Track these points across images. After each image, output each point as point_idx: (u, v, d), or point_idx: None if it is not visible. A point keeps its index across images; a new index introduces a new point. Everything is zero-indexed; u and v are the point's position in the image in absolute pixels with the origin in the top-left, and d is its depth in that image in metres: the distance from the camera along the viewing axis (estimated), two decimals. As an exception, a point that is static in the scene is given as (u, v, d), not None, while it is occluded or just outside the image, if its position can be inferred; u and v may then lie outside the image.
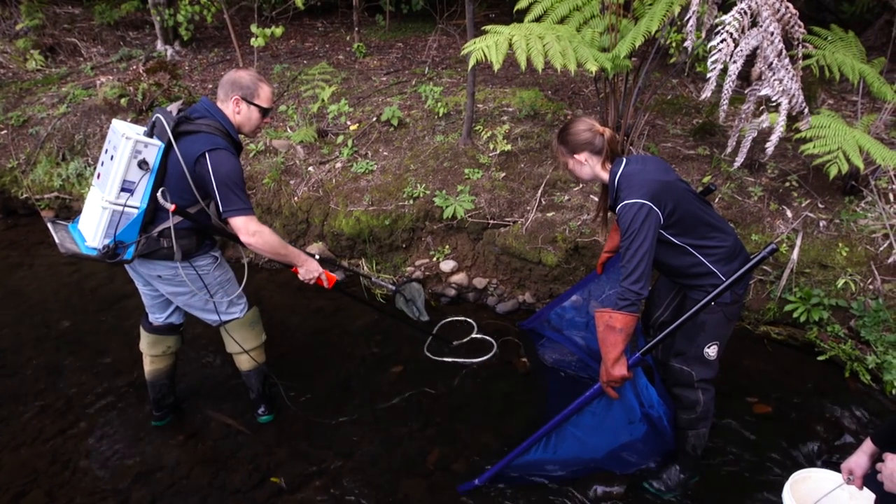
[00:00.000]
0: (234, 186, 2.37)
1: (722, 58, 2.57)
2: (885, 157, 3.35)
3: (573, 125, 2.42)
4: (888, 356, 3.32)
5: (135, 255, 2.45)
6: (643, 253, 2.22)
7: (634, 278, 2.22)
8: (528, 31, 3.40)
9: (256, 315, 2.95)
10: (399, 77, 5.93)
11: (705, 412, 2.56)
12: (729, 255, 2.40)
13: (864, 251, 3.59)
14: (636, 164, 2.36)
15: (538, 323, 3.59)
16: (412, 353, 3.60)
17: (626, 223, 2.24)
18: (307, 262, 2.72)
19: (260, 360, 2.98)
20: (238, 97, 2.50)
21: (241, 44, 6.24)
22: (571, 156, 2.42)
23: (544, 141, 4.51)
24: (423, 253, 4.30)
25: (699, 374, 2.49)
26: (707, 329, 2.45)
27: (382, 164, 4.58)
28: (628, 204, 2.24)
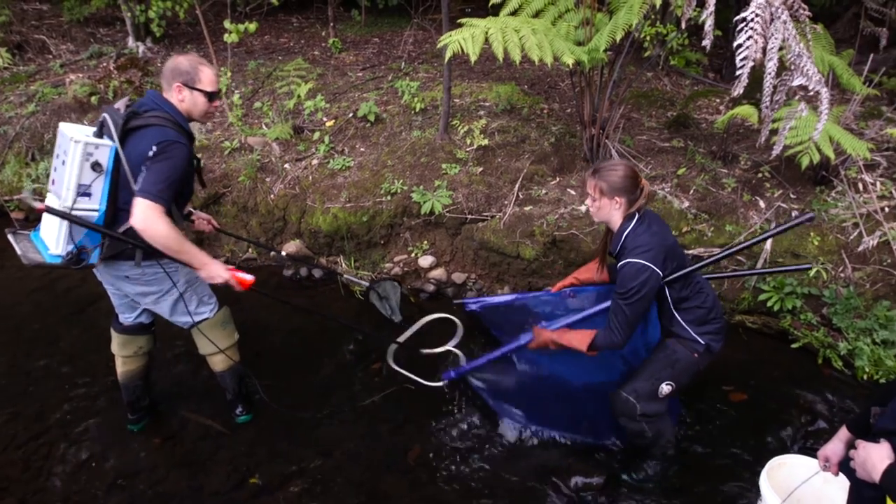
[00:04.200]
0: (161, 175, 2.25)
1: (751, 55, 2.56)
2: (855, 147, 3.40)
3: (618, 168, 2.37)
4: (859, 342, 3.37)
5: (100, 258, 2.39)
6: (636, 314, 2.33)
7: (621, 333, 2.35)
8: (503, 25, 3.38)
9: (227, 314, 2.88)
10: (375, 72, 5.88)
11: (658, 433, 2.58)
12: (704, 319, 2.48)
13: (835, 240, 3.64)
14: (645, 225, 2.38)
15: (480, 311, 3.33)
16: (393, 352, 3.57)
17: (628, 281, 2.28)
18: (209, 266, 2.43)
19: (234, 359, 2.92)
20: (180, 84, 2.41)
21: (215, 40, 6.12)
22: (612, 197, 2.37)
23: (521, 135, 4.49)
24: (401, 249, 4.27)
25: (644, 409, 2.49)
26: (676, 367, 2.48)
27: (359, 161, 4.53)
28: (634, 263, 2.28)
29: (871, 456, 1.45)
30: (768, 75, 2.70)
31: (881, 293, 3.55)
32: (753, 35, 2.56)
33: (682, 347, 2.48)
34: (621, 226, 2.39)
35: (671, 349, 2.50)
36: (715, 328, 2.49)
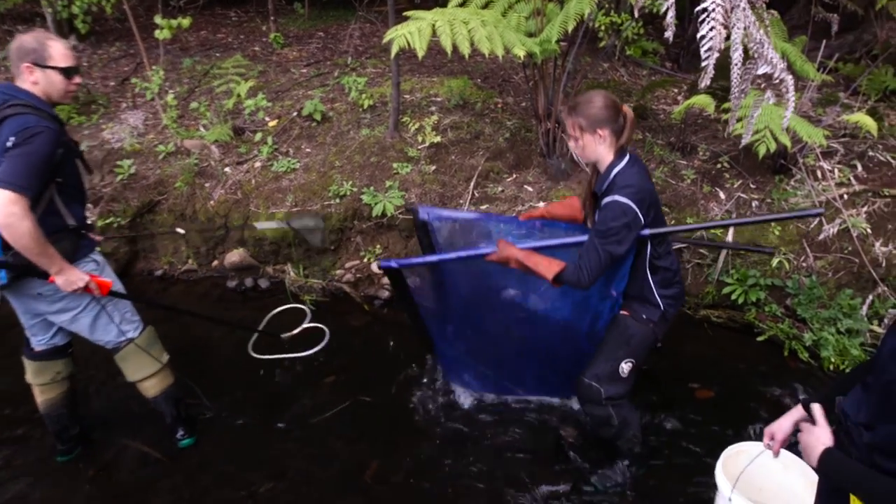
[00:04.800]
0: (21, 163, 2.15)
1: (716, 45, 2.62)
2: (811, 134, 3.53)
3: (594, 98, 2.32)
4: (824, 333, 3.50)
5: (9, 276, 2.30)
6: (609, 257, 2.28)
7: (590, 275, 2.29)
8: (451, 17, 3.41)
9: (153, 334, 2.81)
10: (320, 68, 5.85)
11: (623, 421, 2.61)
12: (670, 281, 2.52)
13: (795, 229, 3.77)
14: (637, 167, 2.37)
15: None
16: (346, 362, 3.54)
17: (610, 220, 2.26)
18: (67, 271, 2.36)
19: (166, 382, 2.85)
20: (29, 64, 2.31)
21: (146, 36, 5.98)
22: (593, 131, 2.32)
23: (475, 131, 4.53)
24: (352, 254, 4.25)
25: (608, 392, 2.52)
26: (632, 344, 2.52)
27: (305, 162, 4.50)
28: (620, 202, 2.26)
29: (811, 439, 1.49)
30: (735, 66, 2.78)
31: (844, 281, 3.70)
32: (716, 25, 2.63)
33: (635, 322, 2.52)
34: (611, 163, 2.36)
35: (623, 325, 2.54)
36: (675, 292, 2.53)
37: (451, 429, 3.07)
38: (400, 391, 3.31)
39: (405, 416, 3.16)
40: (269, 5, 6.82)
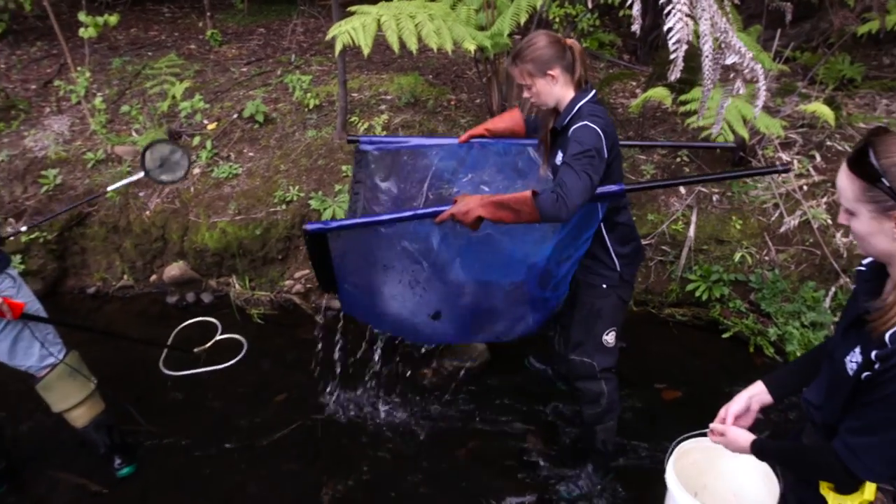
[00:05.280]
0: None
1: (683, 38, 2.66)
2: (768, 125, 3.64)
3: (535, 40, 2.26)
4: (788, 327, 3.61)
5: None
6: (590, 180, 2.11)
7: (571, 202, 2.06)
8: (397, 11, 3.41)
9: (77, 359, 2.72)
10: (262, 67, 5.78)
11: (610, 403, 2.67)
12: (627, 236, 2.51)
13: (756, 222, 3.88)
14: (600, 104, 2.33)
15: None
16: (298, 378, 3.50)
17: (585, 141, 2.14)
18: None
19: (96, 410, 2.78)
20: None
21: (70, 35, 5.82)
22: (543, 74, 2.25)
23: (427, 130, 4.54)
24: (302, 263, 4.21)
25: (600, 364, 2.58)
26: (604, 315, 2.55)
27: (248, 167, 4.44)
28: (592, 127, 2.17)
29: (728, 442, 1.64)
30: (706, 58, 2.83)
31: (806, 274, 3.83)
32: (682, 17, 2.68)
33: (596, 297, 2.52)
34: (574, 97, 2.30)
35: (585, 303, 2.55)
36: (631, 249, 2.51)
37: (412, 443, 3.06)
38: (355, 407, 3.29)
39: (362, 432, 3.14)
40: (205, 0, 6.71)
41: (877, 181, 1.19)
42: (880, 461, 1.28)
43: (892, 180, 1.17)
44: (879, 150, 1.19)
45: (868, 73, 5.26)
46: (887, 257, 1.29)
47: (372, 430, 3.15)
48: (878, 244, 1.27)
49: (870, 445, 1.28)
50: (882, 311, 1.26)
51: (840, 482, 1.40)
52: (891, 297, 1.26)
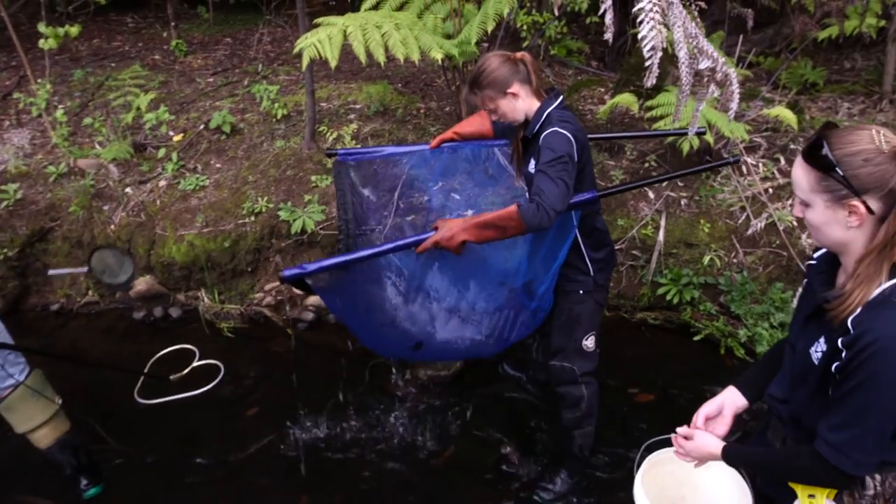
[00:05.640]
0: None
1: (658, 45, 2.74)
2: (732, 129, 3.76)
3: (487, 64, 2.30)
4: (758, 328, 3.72)
5: None
6: (567, 186, 2.15)
7: (552, 209, 2.11)
8: (363, 21, 3.46)
9: (41, 379, 2.71)
10: (228, 77, 5.79)
11: (590, 408, 2.73)
12: (601, 241, 2.59)
13: (724, 225, 4.00)
14: (567, 109, 2.40)
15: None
16: (269, 392, 3.52)
17: (558, 147, 2.19)
18: None
19: (61, 430, 2.76)
20: None
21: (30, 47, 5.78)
22: (504, 94, 2.31)
23: (397, 138, 4.59)
24: (272, 275, 4.23)
25: (581, 368, 2.65)
26: (582, 320, 2.61)
27: (216, 179, 4.45)
28: (561, 133, 2.23)
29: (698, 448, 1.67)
30: (682, 64, 2.93)
31: (774, 275, 3.95)
32: (656, 25, 2.77)
33: (569, 302, 2.59)
34: (542, 104, 2.36)
35: (563, 309, 2.62)
36: (605, 254, 2.58)
37: (386, 454, 3.09)
38: (329, 419, 3.32)
39: (336, 445, 3.16)
40: (168, 10, 6.71)
41: (831, 171, 1.28)
42: (867, 451, 1.32)
43: (845, 170, 1.26)
44: (832, 141, 1.28)
45: (830, 77, 5.44)
46: (841, 247, 1.37)
47: (346, 442, 3.17)
48: (832, 233, 1.35)
49: (853, 439, 1.31)
50: (841, 298, 1.33)
51: (830, 483, 1.42)
52: (849, 285, 1.33)
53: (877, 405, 1.28)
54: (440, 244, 2.20)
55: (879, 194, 1.26)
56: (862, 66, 5.77)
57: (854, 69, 5.75)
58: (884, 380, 1.25)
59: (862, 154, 1.25)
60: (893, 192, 1.25)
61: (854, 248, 1.34)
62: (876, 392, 1.27)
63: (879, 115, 4.74)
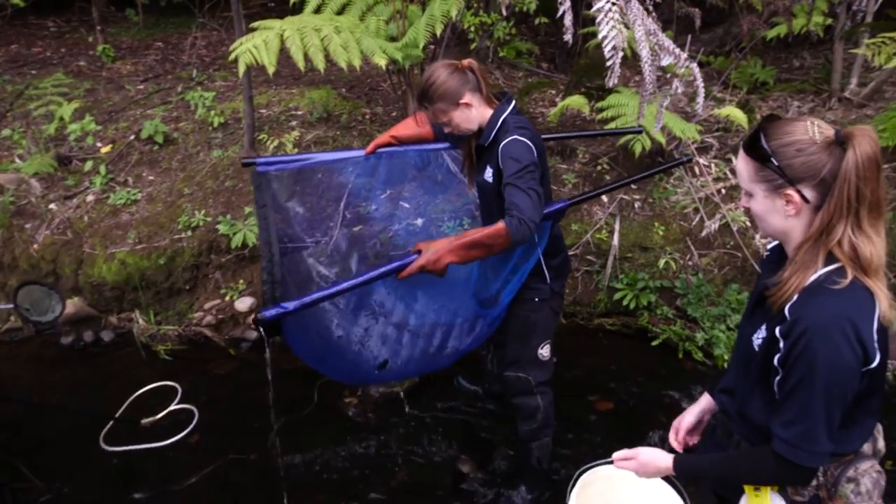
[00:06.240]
0: None
1: (619, 45, 2.77)
2: (683, 129, 3.86)
3: (435, 76, 2.29)
4: (715, 331, 3.81)
5: None
6: (539, 194, 2.18)
7: (532, 220, 2.14)
8: (301, 25, 3.43)
9: None
10: (160, 83, 5.68)
11: (546, 419, 2.75)
12: (556, 248, 2.61)
13: (678, 228, 4.09)
14: (521, 114, 2.41)
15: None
16: (212, 417, 3.44)
17: (521, 156, 2.21)
18: None
19: None
20: None
21: (-61, 54, 5.58)
22: (456, 105, 2.30)
23: (342, 146, 4.57)
24: (212, 293, 4.15)
25: (536, 378, 2.67)
26: (538, 329, 2.63)
27: (148, 192, 4.36)
28: (520, 140, 2.24)
29: (646, 463, 1.67)
30: (646, 63, 2.98)
31: (729, 277, 4.05)
32: (615, 24, 2.82)
33: (525, 310, 2.60)
34: (495, 111, 2.36)
35: (519, 318, 2.62)
36: (559, 261, 2.61)
37: (338, 475, 3.06)
38: (278, 442, 3.26)
39: (285, 468, 3.10)
40: (94, 13, 6.54)
41: (767, 161, 1.36)
42: (820, 442, 1.36)
43: (780, 160, 1.34)
44: (769, 133, 1.36)
45: (779, 76, 5.64)
46: (782, 235, 1.45)
47: (295, 466, 3.12)
48: (772, 222, 1.43)
49: (806, 431, 1.36)
50: (779, 285, 1.39)
51: (792, 480, 1.47)
52: (787, 272, 1.39)
53: (819, 394, 1.32)
54: (426, 268, 2.15)
55: (812, 183, 1.33)
56: (811, 64, 6.01)
57: (803, 68, 5.98)
58: (820, 366, 1.30)
59: (795, 144, 1.33)
60: (826, 181, 1.32)
61: (793, 236, 1.42)
62: (816, 381, 1.32)
63: (829, 113, 4.93)
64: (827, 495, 1.48)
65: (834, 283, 1.33)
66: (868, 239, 1.33)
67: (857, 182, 1.29)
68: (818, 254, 1.36)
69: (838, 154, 1.30)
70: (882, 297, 1.35)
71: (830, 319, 1.30)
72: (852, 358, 1.30)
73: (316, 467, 3.11)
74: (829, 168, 1.31)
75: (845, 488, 1.46)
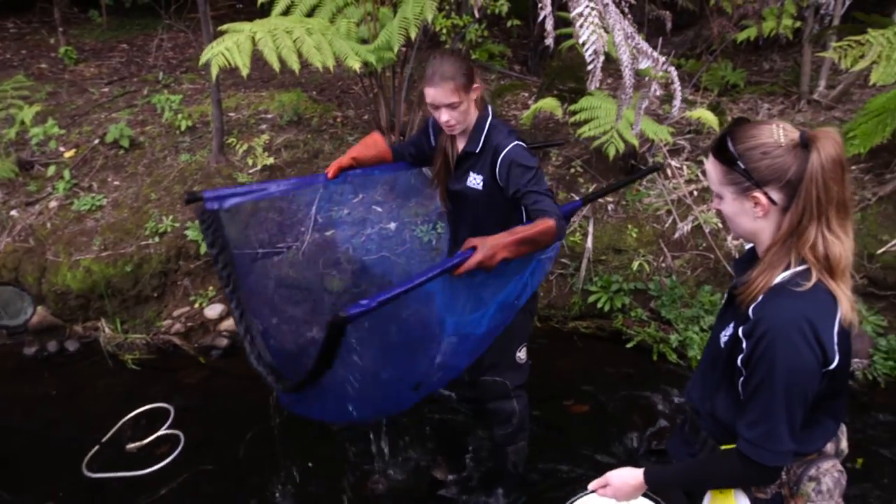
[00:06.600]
0: None
1: (600, 49, 2.83)
2: (656, 131, 3.94)
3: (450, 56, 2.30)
4: (689, 332, 3.89)
5: None
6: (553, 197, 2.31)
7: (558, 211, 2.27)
8: (273, 27, 3.46)
9: None
10: (126, 86, 5.66)
11: (521, 423, 2.79)
12: None
13: (651, 230, 4.17)
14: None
15: None
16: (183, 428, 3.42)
17: (528, 160, 2.31)
18: None
19: None
20: None
21: None
22: (472, 89, 2.31)
23: (313, 149, 4.59)
24: (181, 300, 4.14)
25: (513, 382, 2.70)
26: (516, 332, 2.65)
27: (114, 197, 4.34)
28: (521, 145, 2.34)
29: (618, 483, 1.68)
30: (626, 67, 3.04)
31: (702, 278, 4.14)
32: (595, 28, 2.88)
33: None
34: (481, 116, 2.41)
35: None
36: None
37: (312, 485, 3.07)
38: (249, 453, 3.26)
39: (258, 480, 3.11)
40: (56, 14, 6.48)
41: (734, 164, 1.41)
42: (783, 441, 1.40)
43: (746, 163, 1.39)
44: (736, 136, 1.41)
45: (750, 79, 5.77)
46: (752, 236, 1.50)
47: (267, 475, 3.13)
48: (742, 224, 1.49)
49: (769, 431, 1.39)
50: (747, 283, 1.45)
51: (759, 480, 1.51)
52: (755, 271, 1.44)
53: (780, 394, 1.36)
54: (483, 264, 2.14)
55: (779, 185, 1.38)
56: (780, 67, 6.15)
57: (773, 70, 6.12)
58: (780, 367, 1.35)
59: (761, 148, 1.38)
60: (791, 183, 1.37)
61: (763, 237, 1.47)
62: (777, 381, 1.36)
63: (798, 115, 5.05)
64: (789, 493, 1.53)
65: (797, 286, 1.37)
66: (838, 239, 1.37)
67: (822, 183, 1.33)
68: (788, 255, 1.41)
69: (803, 156, 1.35)
70: (844, 299, 1.39)
71: (790, 321, 1.35)
72: (812, 359, 1.34)
73: (287, 477, 3.12)
74: (795, 170, 1.35)
75: (807, 486, 1.50)
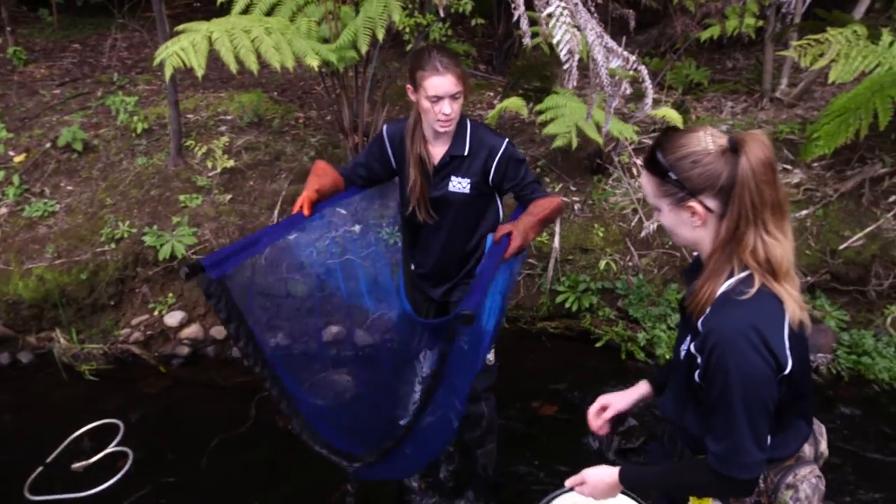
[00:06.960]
0: None
1: (575, 48, 2.85)
2: (621, 129, 4.01)
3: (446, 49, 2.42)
4: (656, 330, 3.96)
5: None
6: None
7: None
8: (230, 26, 3.43)
9: None
10: (78, 88, 5.58)
11: (490, 425, 2.81)
12: None
13: (618, 229, 4.24)
14: None
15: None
16: (141, 439, 3.39)
17: (519, 158, 2.48)
18: None
19: None
20: None
21: None
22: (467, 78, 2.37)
23: (275, 151, 4.58)
24: (139, 308, 4.10)
25: (482, 384, 2.72)
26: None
27: (67, 203, 4.29)
28: (509, 143, 2.47)
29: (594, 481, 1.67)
30: (602, 67, 3.08)
31: (669, 277, 4.22)
32: (569, 28, 2.91)
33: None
34: (462, 122, 2.47)
35: None
36: None
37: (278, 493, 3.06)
38: (212, 464, 3.24)
39: (220, 493, 3.09)
40: (3, 13, 6.35)
41: (666, 176, 1.40)
42: (749, 453, 1.39)
43: (678, 173, 1.38)
44: (665, 147, 1.41)
45: (713, 77, 5.89)
46: (695, 245, 1.50)
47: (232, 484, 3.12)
48: (683, 234, 1.48)
49: (734, 445, 1.39)
50: (694, 294, 1.44)
51: (735, 492, 1.51)
52: (700, 280, 1.44)
53: (738, 405, 1.36)
54: (522, 246, 2.33)
55: (712, 192, 1.38)
56: (743, 65, 6.29)
57: (736, 69, 6.25)
58: (733, 378, 1.34)
59: (691, 156, 1.37)
60: (725, 189, 1.36)
61: (704, 245, 1.47)
62: (733, 393, 1.35)
63: (761, 113, 5.17)
64: (767, 502, 1.53)
65: (741, 294, 1.37)
66: (777, 241, 1.37)
67: (755, 186, 1.33)
68: (730, 262, 1.40)
69: (734, 161, 1.34)
70: (790, 300, 1.38)
71: (736, 330, 1.34)
72: (763, 366, 1.33)
73: (253, 489, 3.11)
74: (726, 176, 1.35)
75: (784, 495, 1.50)
